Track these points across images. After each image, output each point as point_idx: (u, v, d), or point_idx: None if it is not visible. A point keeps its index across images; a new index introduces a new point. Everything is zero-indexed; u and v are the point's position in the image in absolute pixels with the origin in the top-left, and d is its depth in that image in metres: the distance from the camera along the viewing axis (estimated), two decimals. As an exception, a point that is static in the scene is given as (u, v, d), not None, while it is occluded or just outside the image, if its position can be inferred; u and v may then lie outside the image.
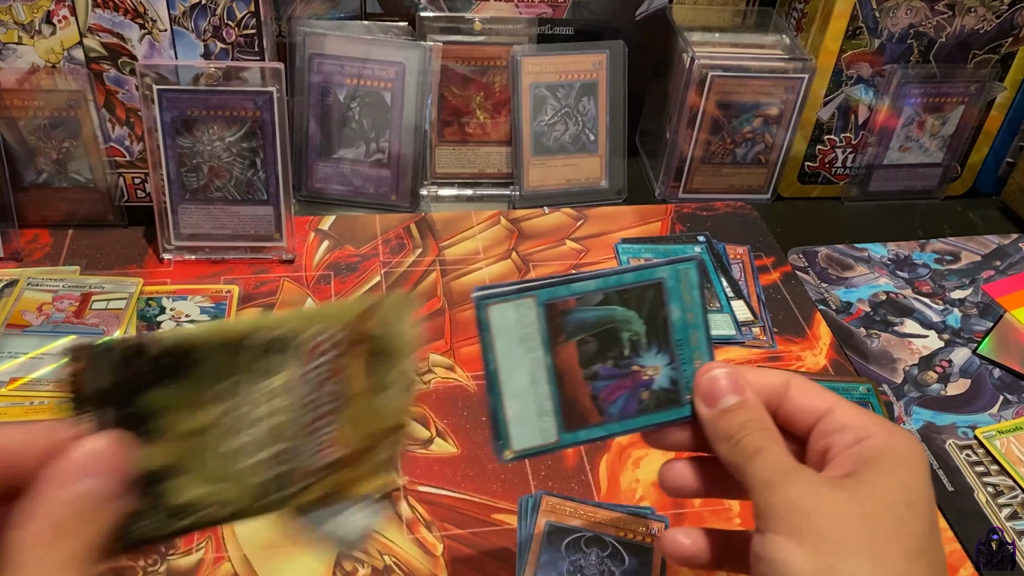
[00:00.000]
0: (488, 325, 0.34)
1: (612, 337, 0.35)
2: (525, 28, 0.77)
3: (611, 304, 0.35)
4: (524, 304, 0.34)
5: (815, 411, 0.35)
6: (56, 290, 0.64)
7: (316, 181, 0.77)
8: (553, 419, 0.35)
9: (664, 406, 0.36)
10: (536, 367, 0.35)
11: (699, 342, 0.36)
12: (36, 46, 0.65)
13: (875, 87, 0.79)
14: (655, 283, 0.35)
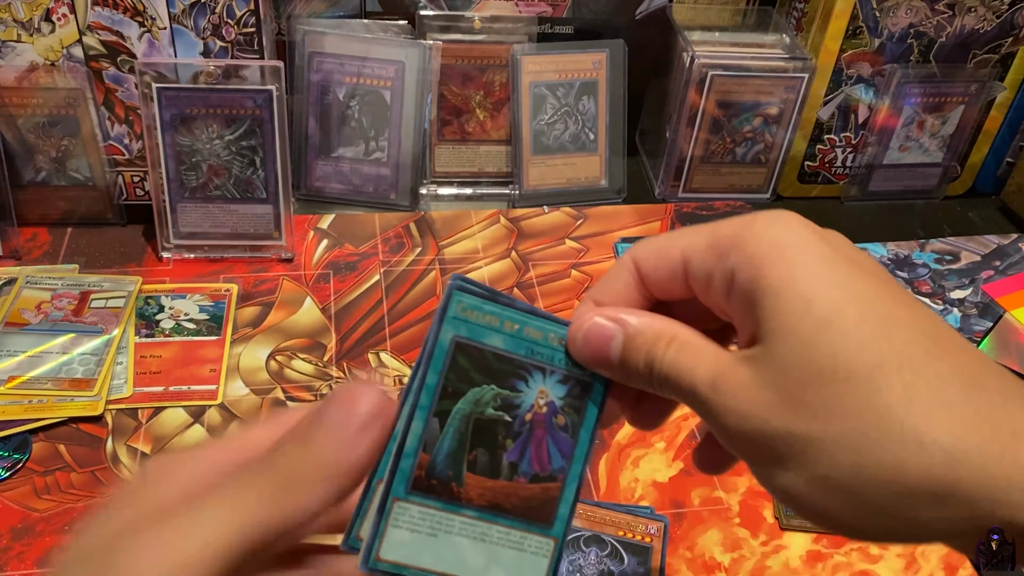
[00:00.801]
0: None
1: (483, 429, 0.30)
2: (525, 27, 0.77)
3: (436, 420, 0.29)
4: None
5: (675, 274, 0.29)
6: (55, 288, 0.64)
7: (315, 180, 0.77)
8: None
9: (581, 408, 0.31)
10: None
11: (539, 331, 0.30)
12: (35, 44, 0.65)
13: (875, 87, 0.79)
14: (441, 350, 0.29)
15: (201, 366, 0.60)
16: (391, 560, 0.28)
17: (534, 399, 0.30)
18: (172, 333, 0.62)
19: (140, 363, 0.60)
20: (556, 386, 0.30)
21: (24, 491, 0.52)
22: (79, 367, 0.58)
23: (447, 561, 0.29)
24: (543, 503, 0.30)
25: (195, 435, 0.56)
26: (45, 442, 0.55)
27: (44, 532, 0.50)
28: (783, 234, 0.27)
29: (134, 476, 0.25)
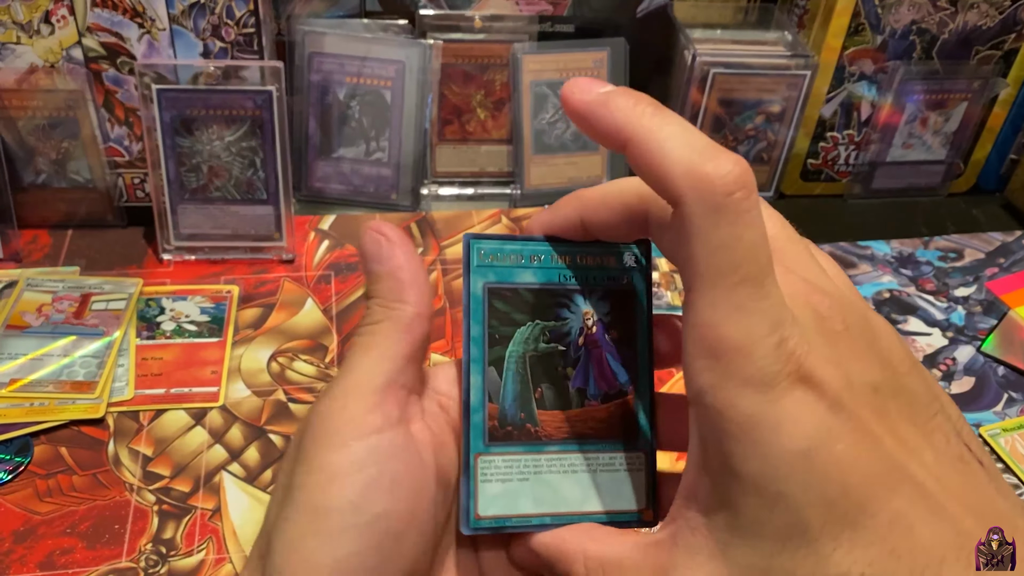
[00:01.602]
0: None
1: (541, 364, 0.29)
2: (526, 25, 0.77)
3: (492, 368, 0.29)
4: None
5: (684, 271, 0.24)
6: (56, 291, 0.63)
7: (316, 180, 0.77)
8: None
9: (630, 318, 0.30)
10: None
11: (567, 255, 0.29)
12: (35, 46, 0.64)
13: (878, 84, 0.79)
14: (476, 301, 0.29)
15: (202, 368, 0.60)
16: (491, 515, 0.28)
17: (581, 322, 0.30)
18: (173, 335, 0.62)
19: (141, 365, 0.60)
20: (599, 303, 0.30)
21: (26, 494, 0.52)
22: (80, 369, 0.58)
23: (546, 501, 0.29)
24: (622, 419, 0.30)
25: (197, 437, 0.56)
26: (47, 445, 0.55)
27: (46, 535, 0.50)
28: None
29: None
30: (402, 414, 0.27)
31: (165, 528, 0.51)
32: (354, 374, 0.26)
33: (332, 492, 0.25)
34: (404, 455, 0.26)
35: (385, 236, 0.28)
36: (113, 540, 0.50)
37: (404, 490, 0.26)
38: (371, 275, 0.28)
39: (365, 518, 0.25)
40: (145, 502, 0.52)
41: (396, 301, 0.27)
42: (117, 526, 0.51)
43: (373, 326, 0.27)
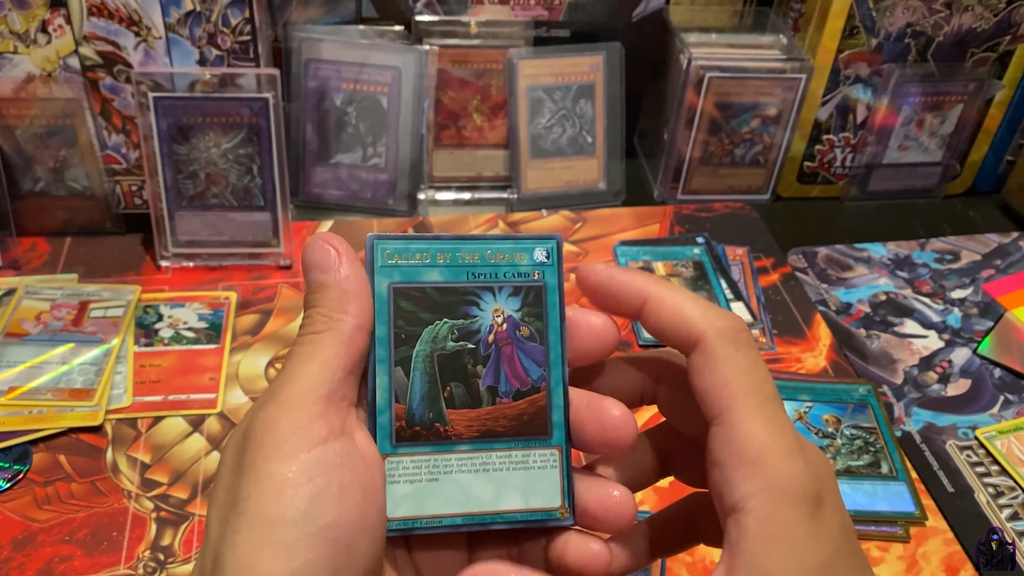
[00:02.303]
0: None
1: (450, 363, 0.29)
2: (521, 31, 0.77)
3: (399, 368, 0.29)
4: None
5: (700, 395, 0.28)
6: (54, 298, 0.64)
7: (313, 186, 0.77)
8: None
9: (542, 313, 0.30)
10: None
11: (473, 253, 0.30)
12: (31, 55, 0.65)
13: (873, 86, 0.79)
14: (381, 301, 0.29)
15: (200, 375, 0.60)
16: (400, 516, 0.28)
17: (491, 319, 0.30)
18: (171, 342, 0.62)
19: (139, 372, 0.60)
20: (509, 300, 0.30)
21: (25, 502, 0.52)
22: (79, 377, 0.58)
23: (456, 501, 0.29)
24: (534, 416, 0.30)
25: (195, 444, 0.56)
26: (45, 453, 0.55)
27: (45, 543, 0.50)
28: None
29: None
30: (344, 424, 0.27)
31: (163, 535, 0.51)
32: (296, 383, 0.26)
33: (283, 502, 0.25)
34: (350, 464, 0.26)
35: (333, 247, 0.28)
36: (111, 547, 0.50)
37: (352, 498, 0.26)
38: (315, 284, 0.28)
39: (317, 527, 0.25)
40: (143, 509, 0.52)
41: (339, 312, 0.27)
42: (115, 533, 0.51)
43: (315, 335, 0.27)
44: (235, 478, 0.26)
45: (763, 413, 0.27)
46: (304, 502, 0.25)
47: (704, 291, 0.69)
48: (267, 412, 0.26)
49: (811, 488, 0.26)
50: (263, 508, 0.25)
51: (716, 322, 0.28)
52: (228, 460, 0.27)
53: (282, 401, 0.26)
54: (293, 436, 0.25)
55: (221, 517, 0.25)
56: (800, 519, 0.26)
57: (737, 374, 0.27)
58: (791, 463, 0.26)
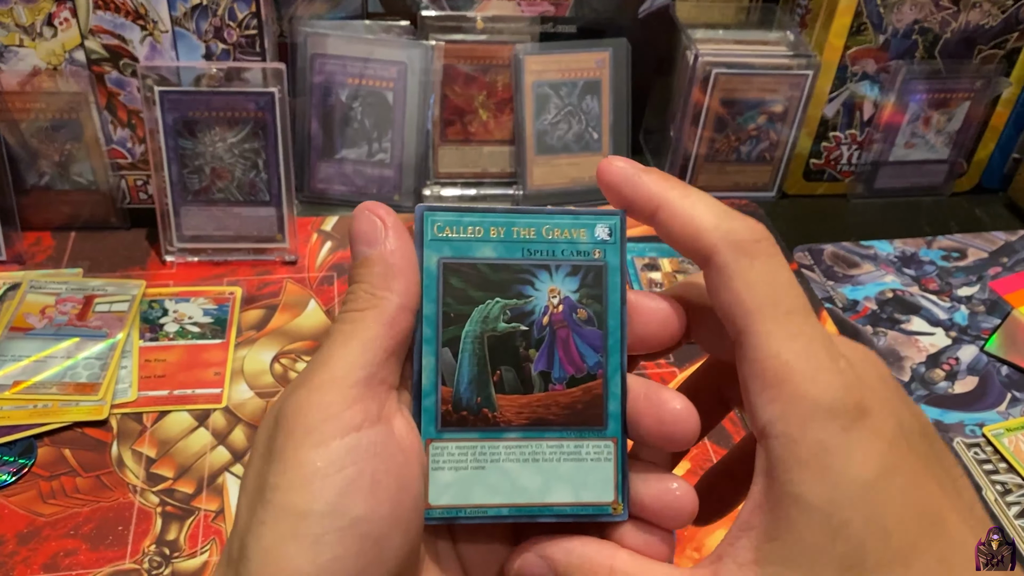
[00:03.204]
0: None
1: (501, 345, 0.27)
2: (528, 26, 0.77)
3: (447, 349, 0.27)
4: None
5: (722, 310, 0.25)
6: (59, 293, 0.64)
7: (318, 182, 0.77)
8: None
9: (601, 295, 0.28)
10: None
11: (530, 227, 0.28)
12: (37, 48, 0.65)
13: (880, 83, 0.79)
14: (430, 277, 0.27)
15: (205, 369, 0.60)
16: (443, 504, 0.27)
17: (546, 300, 0.28)
18: (176, 336, 0.62)
19: (144, 367, 0.60)
20: (567, 280, 0.28)
21: (30, 496, 0.52)
22: (84, 371, 0.58)
23: (502, 491, 0.27)
24: (588, 405, 0.28)
25: (200, 439, 0.56)
26: (50, 447, 0.55)
27: (50, 537, 0.50)
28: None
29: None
30: (382, 410, 0.25)
31: (168, 530, 0.51)
32: (333, 366, 0.25)
33: (310, 494, 0.23)
34: (385, 453, 0.25)
35: (380, 218, 0.26)
36: (117, 542, 0.50)
37: (385, 491, 0.24)
38: (360, 258, 0.26)
39: (345, 521, 0.23)
40: (148, 504, 0.52)
41: (383, 289, 0.26)
42: (121, 528, 0.51)
43: (356, 314, 0.26)
44: (264, 464, 0.25)
45: (785, 328, 0.24)
46: (333, 494, 0.23)
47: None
48: (300, 396, 0.25)
49: (846, 399, 0.23)
50: (290, 499, 0.23)
51: (730, 231, 0.25)
52: (259, 444, 0.25)
53: (316, 385, 0.25)
54: (325, 423, 0.24)
55: (249, 504, 0.24)
56: (833, 436, 0.23)
57: (753, 288, 0.24)
58: (818, 377, 0.23)
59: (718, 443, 0.58)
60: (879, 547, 0.23)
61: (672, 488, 0.27)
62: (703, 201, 0.26)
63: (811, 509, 0.23)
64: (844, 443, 0.23)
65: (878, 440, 0.23)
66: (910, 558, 0.23)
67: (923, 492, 0.23)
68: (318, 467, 0.24)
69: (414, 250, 0.27)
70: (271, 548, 0.23)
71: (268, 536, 0.23)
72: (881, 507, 0.23)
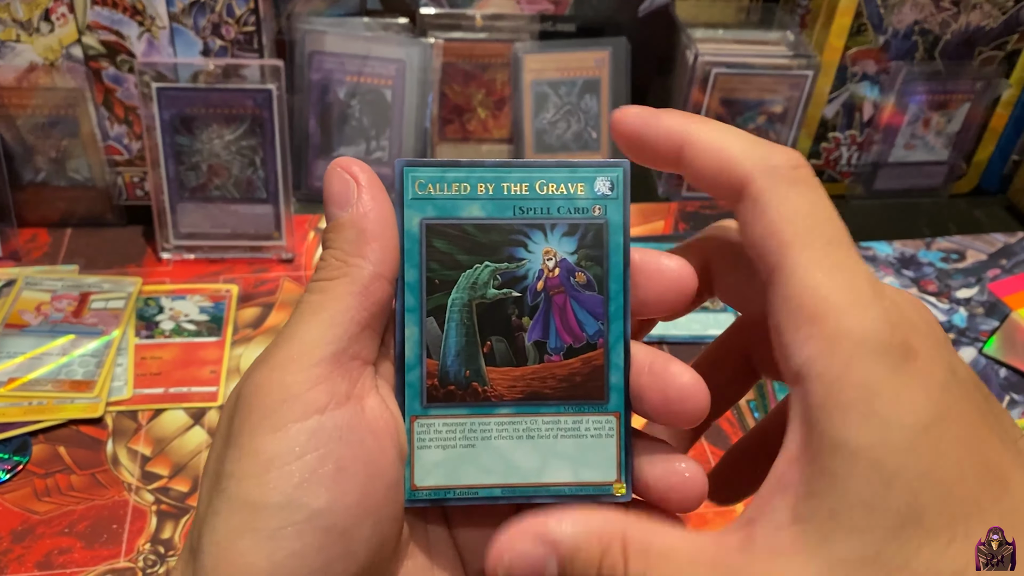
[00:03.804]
0: None
1: (491, 314, 0.25)
2: (527, 25, 0.76)
3: (432, 319, 0.25)
4: None
5: (753, 246, 0.23)
6: (54, 290, 0.63)
7: (316, 179, 0.76)
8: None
9: (601, 257, 0.25)
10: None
11: (522, 182, 0.25)
12: (34, 44, 0.64)
13: (880, 84, 0.79)
14: (412, 239, 0.25)
15: (201, 367, 0.60)
16: (430, 486, 0.25)
17: (541, 263, 0.25)
18: (172, 334, 0.62)
19: (140, 364, 0.59)
20: (563, 240, 0.25)
21: (24, 493, 0.52)
22: (79, 369, 0.58)
23: (494, 470, 0.25)
24: (588, 376, 0.26)
25: (196, 437, 0.56)
26: (45, 444, 0.55)
27: (44, 535, 0.50)
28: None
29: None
30: (352, 389, 0.23)
31: (163, 528, 0.51)
32: (297, 341, 0.23)
33: (266, 484, 0.21)
34: (352, 437, 0.23)
35: (353, 176, 0.24)
36: (111, 540, 0.50)
37: (352, 478, 0.22)
38: (331, 221, 0.24)
39: (304, 514, 0.22)
40: (143, 502, 0.52)
41: (356, 256, 0.24)
42: (115, 526, 0.51)
43: (325, 283, 0.24)
44: (223, 449, 0.23)
45: (825, 260, 0.21)
46: (290, 485, 0.22)
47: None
48: (260, 374, 0.23)
49: (892, 338, 0.20)
50: (244, 489, 0.22)
51: (765, 156, 0.22)
52: (220, 426, 0.24)
53: (278, 362, 0.23)
54: (284, 404, 0.22)
55: (208, 491, 0.23)
56: (882, 377, 0.20)
57: (791, 218, 0.22)
58: (862, 312, 0.20)
59: (715, 444, 0.58)
60: (937, 503, 0.20)
61: (680, 468, 0.25)
62: (731, 131, 0.23)
63: (858, 457, 0.20)
64: (893, 385, 0.20)
65: (930, 384, 0.20)
66: (972, 517, 0.20)
67: (983, 444, 0.21)
68: (275, 454, 0.22)
69: (392, 211, 0.25)
70: (224, 542, 0.22)
71: (222, 529, 0.22)
72: (937, 457, 0.20)
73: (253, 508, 0.21)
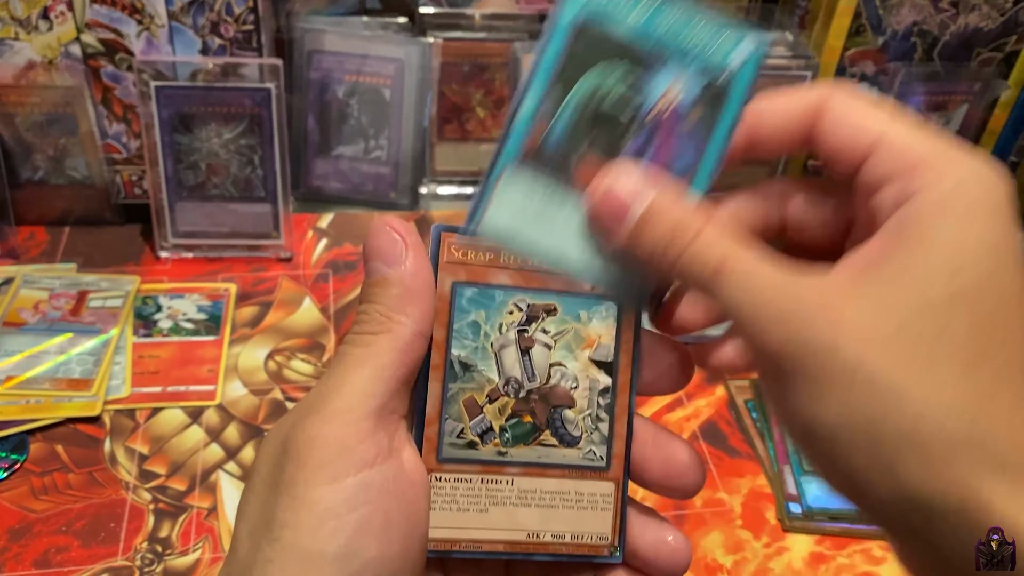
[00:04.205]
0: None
1: (604, 118, 0.26)
2: (526, 24, 0.76)
3: (560, 87, 0.26)
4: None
5: (856, 148, 0.24)
6: (52, 288, 0.63)
7: (314, 178, 0.76)
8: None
9: (717, 109, 0.26)
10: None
11: (684, 15, 0.26)
12: (33, 42, 0.64)
13: (878, 85, 0.79)
14: (560, 32, 0.25)
15: (199, 366, 0.60)
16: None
17: (663, 90, 0.25)
18: (170, 333, 0.62)
19: (138, 363, 0.59)
20: (693, 78, 0.25)
21: (22, 492, 0.52)
22: (77, 367, 0.58)
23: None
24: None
25: (193, 436, 0.56)
26: (43, 442, 0.55)
27: (42, 533, 0.50)
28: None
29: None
30: (392, 443, 0.24)
31: (161, 527, 0.51)
32: (346, 394, 0.24)
33: (323, 534, 0.22)
34: (397, 490, 0.24)
35: (400, 235, 0.25)
36: (109, 538, 0.50)
37: (397, 529, 0.24)
38: (376, 276, 0.25)
39: (357, 564, 0.22)
40: (141, 500, 0.52)
41: (399, 313, 0.24)
42: (113, 524, 0.51)
43: (369, 337, 0.24)
44: (271, 496, 0.23)
45: (924, 132, 0.23)
46: (346, 536, 0.22)
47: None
48: (312, 426, 0.23)
49: (996, 184, 0.22)
50: (301, 539, 0.22)
51: (897, 127, 0.23)
52: (263, 471, 0.24)
53: (329, 415, 0.23)
54: (339, 457, 0.23)
55: (253, 536, 0.23)
56: (987, 203, 0.22)
57: (893, 119, 0.23)
58: (967, 159, 0.22)
59: (713, 444, 0.58)
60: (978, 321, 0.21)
61: (668, 540, 0.27)
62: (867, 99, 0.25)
63: (938, 253, 0.21)
64: (996, 210, 0.22)
65: (1008, 230, 0.22)
66: (1002, 343, 0.21)
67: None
68: (331, 507, 0.22)
69: (432, 274, 0.26)
70: None
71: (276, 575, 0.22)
72: (1000, 282, 0.22)
73: (310, 557, 0.22)
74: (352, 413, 0.23)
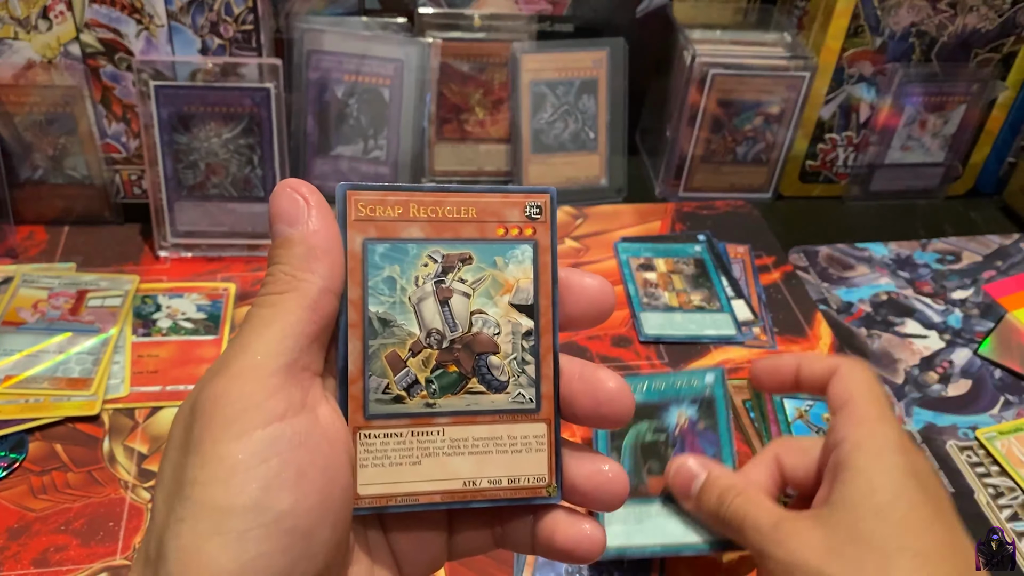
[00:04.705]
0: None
1: (650, 448, 0.46)
2: (525, 25, 0.76)
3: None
4: None
5: (836, 400, 0.40)
6: (51, 287, 0.63)
7: (314, 178, 0.76)
8: None
9: (713, 415, 0.48)
10: None
11: (684, 380, 0.50)
12: (32, 41, 0.64)
13: (877, 86, 0.79)
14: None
15: (198, 366, 0.60)
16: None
17: (676, 419, 0.45)
18: (169, 332, 0.62)
19: (137, 362, 0.60)
20: (689, 407, 0.45)
21: (20, 491, 0.52)
22: (76, 366, 0.58)
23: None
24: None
25: (192, 435, 0.56)
26: (42, 442, 0.55)
27: (40, 532, 0.50)
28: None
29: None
30: (306, 398, 0.24)
31: (160, 526, 0.51)
32: (252, 352, 0.24)
33: (233, 488, 0.22)
34: (310, 443, 0.24)
35: (303, 196, 0.25)
36: (108, 537, 0.50)
37: (312, 483, 0.23)
38: (280, 237, 0.25)
39: (270, 516, 0.22)
40: (140, 500, 0.52)
41: (304, 271, 0.25)
42: (112, 523, 0.51)
43: (275, 296, 0.25)
44: (182, 457, 0.23)
45: (874, 408, 0.39)
46: (257, 488, 0.22)
47: (705, 288, 0.69)
48: (218, 384, 0.23)
49: (903, 439, 0.38)
50: (211, 494, 0.22)
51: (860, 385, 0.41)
52: (175, 436, 0.24)
53: (235, 372, 0.23)
54: (246, 413, 0.23)
55: (167, 500, 0.23)
56: (886, 464, 0.37)
57: (860, 389, 0.40)
58: (888, 422, 0.38)
59: (711, 444, 0.58)
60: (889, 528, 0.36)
61: (604, 469, 0.28)
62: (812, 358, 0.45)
63: (862, 493, 0.36)
64: (903, 452, 0.38)
65: (915, 474, 0.37)
66: (914, 540, 0.35)
67: (936, 509, 0.37)
68: (239, 460, 0.22)
69: (337, 229, 0.26)
70: (191, 547, 0.22)
71: (188, 534, 0.22)
72: (905, 510, 0.36)
73: (220, 511, 0.22)
74: (258, 370, 0.23)
